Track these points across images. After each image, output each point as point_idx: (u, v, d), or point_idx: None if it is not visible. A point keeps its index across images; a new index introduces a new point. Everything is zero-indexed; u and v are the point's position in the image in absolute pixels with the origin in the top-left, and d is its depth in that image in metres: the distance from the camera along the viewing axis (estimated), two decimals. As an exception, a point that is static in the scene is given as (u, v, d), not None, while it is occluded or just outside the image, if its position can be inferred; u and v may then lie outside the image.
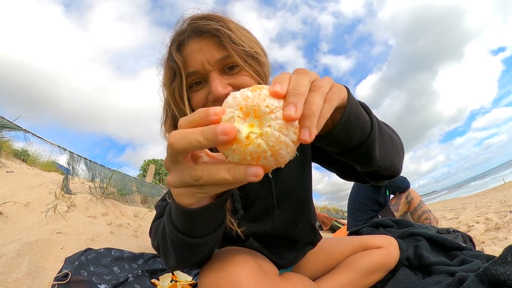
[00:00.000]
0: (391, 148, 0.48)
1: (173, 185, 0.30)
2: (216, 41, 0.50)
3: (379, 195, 2.16)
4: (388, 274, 0.89)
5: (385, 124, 0.50)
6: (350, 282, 0.78)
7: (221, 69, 0.52)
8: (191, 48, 0.51)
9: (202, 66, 0.50)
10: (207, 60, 0.50)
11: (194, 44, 0.51)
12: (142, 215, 1.82)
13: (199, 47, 0.50)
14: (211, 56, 0.50)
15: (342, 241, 0.92)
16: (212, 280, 0.50)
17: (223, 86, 0.50)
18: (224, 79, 0.51)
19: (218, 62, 0.50)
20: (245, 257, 0.55)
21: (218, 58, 0.50)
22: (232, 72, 0.52)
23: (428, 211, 1.92)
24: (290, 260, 0.77)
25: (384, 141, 0.46)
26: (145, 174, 5.66)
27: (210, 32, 0.50)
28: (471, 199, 11.51)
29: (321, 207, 8.91)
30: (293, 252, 0.78)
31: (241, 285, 0.47)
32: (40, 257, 0.85)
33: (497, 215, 2.81)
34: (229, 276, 0.49)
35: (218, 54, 0.50)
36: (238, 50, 0.50)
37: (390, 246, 0.87)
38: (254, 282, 0.49)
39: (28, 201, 1.29)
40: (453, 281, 0.66)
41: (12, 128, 1.91)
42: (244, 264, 0.52)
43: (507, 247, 0.56)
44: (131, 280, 0.83)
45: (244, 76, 0.52)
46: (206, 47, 0.50)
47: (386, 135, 0.47)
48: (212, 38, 0.50)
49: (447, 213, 5.22)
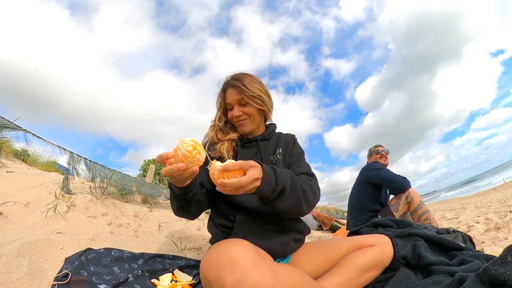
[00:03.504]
0: (293, 202, 0.78)
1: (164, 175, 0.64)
2: (238, 90, 0.97)
3: (380, 195, 2.16)
4: (388, 274, 0.90)
5: (298, 187, 0.80)
6: (348, 279, 0.83)
7: (239, 103, 0.99)
8: (227, 93, 1.01)
9: (231, 101, 1.00)
10: (233, 99, 0.99)
11: (229, 90, 1.00)
12: (142, 215, 1.82)
13: (231, 92, 1.00)
14: (234, 98, 0.99)
15: (338, 241, 0.97)
16: (213, 258, 0.61)
17: (238, 111, 0.99)
18: (240, 108, 0.99)
19: (236, 101, 0.99)
20: (243, 241, 0.69)
21: (238, 98, 0.98)
22: (244, 105, 0.99)
23: (428, 212, 1.91)
24: (281, 244, 0.88)
25: (288, 198, 0.76)
26: (145, 174, 5.66)
27: (234, 86, 0.98)
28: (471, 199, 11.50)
29: (321, 207, 8.90)
30: (282, 236, 0.89)
31: (239, 262, 0.56)
32: (40, 257, 0.85)
33: (497, 215, 2.81)
34: (228, 255, 0.59)
35: (238, 96, 0.98)
36: (248, 95, 0.97)
37: (383, 244, 0.92)
38: (251, 260, 0.57)
39: (28, 201, 1.29)
40: (453, 281, 0.66)
41: (12, 128, 1.91)
42: (242, 245, 0.63)
43: (507, 247, 0.56)
44: (131, 280, 0.83)
45: (250, 108, 0.99)
46: (233, 93, 0.99)
47: (291, 195, 0.77)
48: (236, 88, 0.98)
49: (447, 213, 5.22)
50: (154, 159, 7.93)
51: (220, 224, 0.92)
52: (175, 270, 0.98)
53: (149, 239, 1.39)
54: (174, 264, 1.04)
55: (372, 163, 2.27)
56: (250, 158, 0.88)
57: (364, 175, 2.21)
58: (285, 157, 1.02)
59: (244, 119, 0.99)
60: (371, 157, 2.38)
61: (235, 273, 0.53)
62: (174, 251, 1.34)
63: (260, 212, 0.88)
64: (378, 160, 2.29)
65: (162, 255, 1.07)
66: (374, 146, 2.41)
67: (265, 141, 1.06)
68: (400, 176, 2.08)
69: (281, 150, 1.03)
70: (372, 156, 2.36)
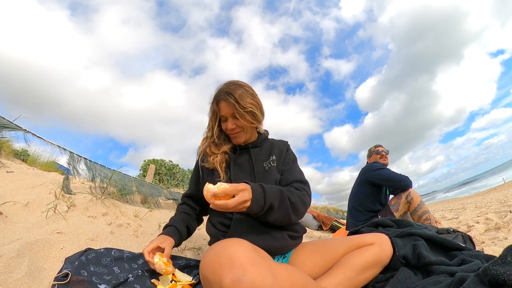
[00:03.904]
0: (282, 215, 0.86)
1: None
2: (231, 105, 0.97)
3: (380, 195, 2.16)
4: (388, 274, 0.90)
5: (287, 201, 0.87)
6: (347, 279, 0.83)
7: (232, 116, 1.00)
8: (220, 106, 1.01)
9: (225, 114, 1.00)
10: (227, 112, 0.99)
11: (222, 103, 1.00)
12: (142, 215, 1.82)
13: (224, 106, 0.99)
14: (227, 111, 0.99)
15: (338, 241, 0.98)
16: (212, 257, 0.62)
17: (232, 124, 1.00)
18: (233, 121, 1.00)
19: (230, 114, 0.99)
20: (242, 241, 0.69)
21: (230, 113, 0.99)
22: (237, 118, 0.99)
23: (429, 212, 1.91)
24: (278, 239, 0.90)
25: (277, 212, 0.85)
26: (145, 174, 5.66)
27: (227, 101, 0.97)
28: (471, 199, 11.50)
29: (321, 207, 8.90)
30: (278, 232, 0.92)
31: (238, 261, 0.56)
32: (40, 257, 0.85)
33: (497, 215, 2.81)
34: (227, 254, 0.59)
35: (230, 111, 0.98)
36: (238, 109, 0.96)
37: (382, 242, 0.93)
38: (250, 259, 0.57)
39: (28, 201, 1.29)
40: (453, 281, 0.66)
41: (12, 128, 1.91)
42: (241, 244, 0.64)
43: (507, 247, 0.56)
44: (131, 280, 0.83)
45: (241, 121, 0.99)
46: (226, 107, 0.99)
47: (280, 210, 0.85)
48: (228, 102, 0.97)
49: (447, 213, 5.22)
50: (154, 159, 7.93)
51: (219, 222, 0.95)
52: (175, 270, 0.98)
53: (149, 239, 1.39)
54: (174, 264, 1.04)
55: (373, 163, 2.27)
56: (242, 165, 1.04)
57: (365, 175, 2.21)
58: (279, 164, 1.05)
59: (238, 131, 1.02)
60: (371, 157, 2.37)
61: (234, 272, 0.53)
62: (174, 251, 1.33)
63: None
64: (378, 160, 2.29)
65: (162, 255, 1.07)
66: (374, 146, 2.41)
67: (257, 148, 1.09)
68: (402, 175, 2.08)
69: (275, 157, 1.06)
70: (372, 156, 2.36)
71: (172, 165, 8.03)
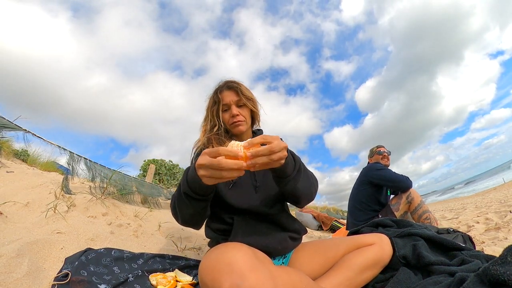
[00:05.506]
0: (307, 183, 0.82)
1: (201, 165, 0.59)
2: (235, 92, 1.01)
3: (381, 195, 2.16)
4: (388, 274, 0.90)
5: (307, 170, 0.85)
6: (347, 279, 0.83)
7: (236, 104, 1.01)
8: (223, 94, 1.02)
9: (229, 102, 1.00)
10: (231, 100, 1.00)
11: (225, 92, 1.02)
12: (142, 215, 1.82)
13: (227, 94, 1.01)
14: (232, 98, 1.00)
15: (337, 241, 0.97)
16: (211, 262, 0.61)
17: (236, 112, 0.99)
18: (237, 109, 1.00)
19: (234, 101, 1.01)
20: (242, 245, 0.68)
21: (235, 100, 1.01)
22: (241, 107, 1.02)
23: (429, 211, 1.91)
24: (280, 241, 0.89)
25: (303, 178, 0.79)
26: (145, 174, 5.66)
27: (233, 88, 1.01)
28: (471, 199, 11.50)
29: (321, 207, 8.89)
30: (280, 233, 0.91)
31: (237, 267, 0.55)
32: (40, 257, 0.85)
33: (497, 215, 2.81)
34: (225, 259, 0.58)
35: (234, 98, 1.00)
36: (245, 96, 1.00)
37: (382, 243, 0.92)
38: (249, 264, 0.56)
39: (28, 201, 1.29)
40: (453, 281, 0.66)
41: (12, 128, 1.91)
42: (241, 249, 0.63)
43: (507, 247, 0.56)
44: (131, 280, 0.83)
45: (245, 109, 1.02)
46: (230, 94, 1.01)
47: (305, 176, 0.80)
48: (233, 90, 1.01)
49: (447, 213, 5.22)
50: (154, 159, 7.93)
51: (217, 228, 0.92)
52: (175, 270, 0.98)
53: (149, 239, 1.39)
54: (174, 264, 1.04)
55: (374, 163, 2.27)
56: None
57: (366, 175, 2.21)
58: None
59: (242, 120, 1.00)
60: (373, 157, 2.37)
61: (233, 277, 0.53)
62: (174, 251, 1.33)
63: (256, 212, 0.89)
64: (379, 161, 2.29)
65: (162, 255, 1.07)
66: (376, 147, 2.41)
67: None
68: (402, 175, 2.08)
69: None
70: (374, 156, 2.36)
71: (172, 165, 8.02)
